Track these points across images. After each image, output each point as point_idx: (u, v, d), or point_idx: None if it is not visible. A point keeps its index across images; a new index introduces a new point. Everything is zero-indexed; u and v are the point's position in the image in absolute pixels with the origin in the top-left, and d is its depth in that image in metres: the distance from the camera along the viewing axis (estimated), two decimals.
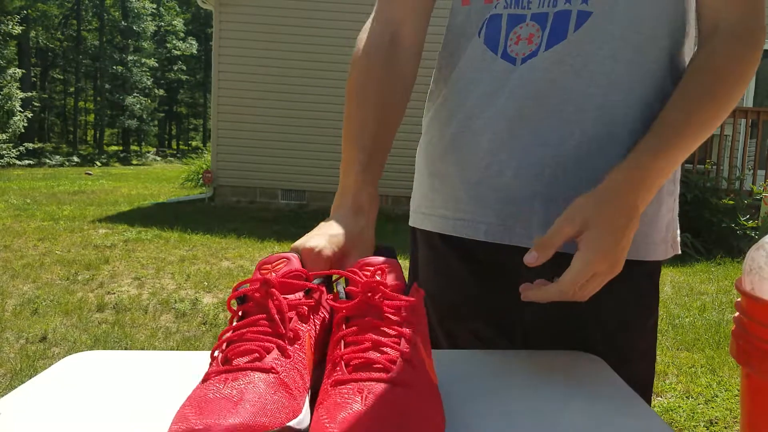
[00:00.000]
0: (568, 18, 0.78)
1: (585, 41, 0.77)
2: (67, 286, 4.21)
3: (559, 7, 0.78)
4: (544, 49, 0.78)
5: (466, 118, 0.84)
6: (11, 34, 18.42)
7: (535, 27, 0.79)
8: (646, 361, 0.87)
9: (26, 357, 2.95)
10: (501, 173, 0.82)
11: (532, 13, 0.80)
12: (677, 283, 4.70)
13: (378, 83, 0.85)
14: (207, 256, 5.25)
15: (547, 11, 0.79)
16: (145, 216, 7.49)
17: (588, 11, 0.77)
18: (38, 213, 7.37)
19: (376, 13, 0.91)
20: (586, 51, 0.77)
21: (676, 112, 0.73)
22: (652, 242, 0.83)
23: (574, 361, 0.75)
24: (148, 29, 30.42)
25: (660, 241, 0.84)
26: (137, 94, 29.40)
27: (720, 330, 3.54)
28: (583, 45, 0.77)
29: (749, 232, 5.78)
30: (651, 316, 0.86)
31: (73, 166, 19.91)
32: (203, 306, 3.86)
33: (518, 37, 0.80)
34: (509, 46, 0.81)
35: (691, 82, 0.75)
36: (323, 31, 8.24)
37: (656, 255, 0.84)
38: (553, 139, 0.79)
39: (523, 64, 0.80)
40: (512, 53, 0.81)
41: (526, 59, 0.79)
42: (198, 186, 11.01)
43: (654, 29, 0.78)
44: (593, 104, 0.78)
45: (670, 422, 2.44)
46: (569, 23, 0.77)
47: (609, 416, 0.59)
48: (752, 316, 1.22)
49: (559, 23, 0.78)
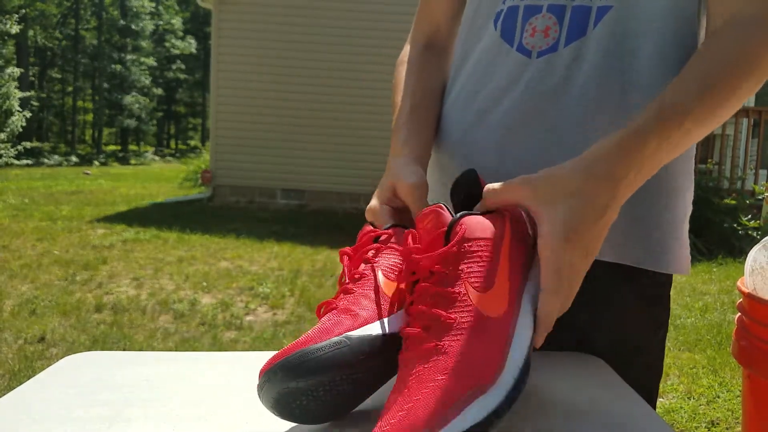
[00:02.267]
0: (588, 14, 0.76)
1: (605, 37, 0.75)
2: (65, 287, 4.20)
3: (578, 1, 0.76)
4: (564, 44, 0.76)
5: (480, 112, 0.83)
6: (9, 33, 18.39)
7: (552, 20, 0.77)
8: (652, 371, 0.84)
9: (24, 358, 2.94)
10: (511, 173, 0.81)
11: (549, 4, 0.78)
12: (679, 283, 4.70)
13: (416, 74, 0.91)
14: (206, 257, 5.24)
15: (564, 3, 0.77)
16: (143, 216, 7.49)
17: (608, 5, 0.75)
18: (36, 213, 7.36)
19: (415, 23, 0.98)
20: (606, 48, 0.75)
21: (677, 91, 0.66)
22: (669, 251, 0.80)
23: (575, 363, 0.74)
24: (147, 28, 30.40)
25: (676, 252, 0.81)
26: (136, 94, 29.38)
27: (722, 330, 3.54)
28: (603, 42, 0.75)
29: (751, 232, 5.78)
30: (660, 327, 0.84)
31: (71, 165, 19.91)
32: (202, 306, 3.85)
33: (534, 29, 0.78)
34: (524, 38, 0.79)
35: (693, 66, 0.68)
36: (323, 30, 8.24)
37: (670, 267, 0.80)
38: (568, 139, 0.76)
39: (540, 58, 0.78)
40: (527, 45, 0.79)
41: (543, 53, 0.78)
42: (197, 186, 11.00)
43: (675, 26, 0.76)
44: (611, 104, 0.76)
45: (672, 423, 2.44)
46: (589, 19, 0.76)
47: (610, 417, 0.58)
48: (754, 316, 1.22)
49: (578, 18, 0.76)
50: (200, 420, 0.56)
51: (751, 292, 1.23)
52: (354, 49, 8.22)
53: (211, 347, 3.19)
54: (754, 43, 0.68)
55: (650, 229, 0.79)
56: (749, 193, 6.24)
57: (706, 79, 0.66)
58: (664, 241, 0.79)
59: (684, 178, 0.82)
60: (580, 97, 0.76)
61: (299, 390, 0.51)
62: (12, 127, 17.47)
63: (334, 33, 8.24)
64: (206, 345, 3.22)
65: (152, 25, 31.32)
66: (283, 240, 6.10)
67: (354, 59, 8.23)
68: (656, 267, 0.79)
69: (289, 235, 6.30)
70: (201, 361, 0.71)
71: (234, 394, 0.62)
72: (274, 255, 5.42)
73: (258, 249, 5.65)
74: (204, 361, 0.71)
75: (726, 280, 4.83)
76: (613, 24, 0.75)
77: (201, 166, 10.78)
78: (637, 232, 0.78)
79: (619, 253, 0.78)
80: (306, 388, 0.52)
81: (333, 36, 8.24)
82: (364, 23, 8.20)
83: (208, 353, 0.75)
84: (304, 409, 0.53)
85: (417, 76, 0.91)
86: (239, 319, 3.65)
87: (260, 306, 3.93)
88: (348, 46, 8.25)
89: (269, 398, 0.52)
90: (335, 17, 8.22)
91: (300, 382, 0.51)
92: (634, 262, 0.78)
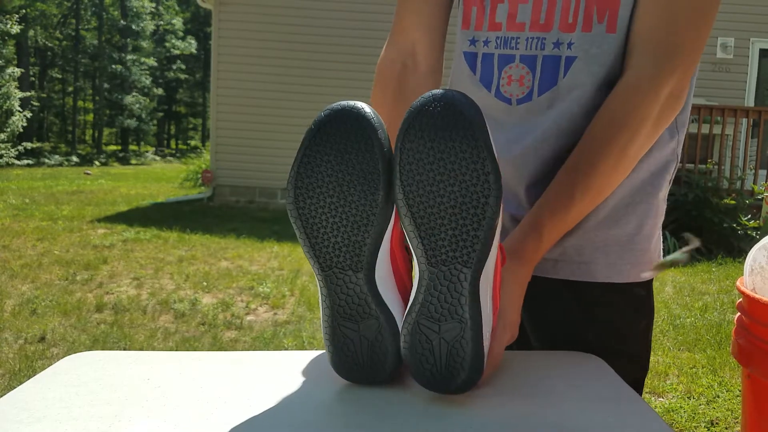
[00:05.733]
0: (558, 63, 0.80)
1: (575, 85, 0.80)
2: (65, 287, 4.20)
3: (547, 51, 0.81)
4: (537, 94, 0.82)
5: None
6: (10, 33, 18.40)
7: (525, 69, 0.82)
8: (637, 364, 0.87)
9: (25, 357, 2.94)
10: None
11: (521, 55, 0.82)
12: (678, 283, 4.70)
13: (387, 115, 0.89)
14: (206, 256, 5.24)
15: (535, 54, 0.82)
16: (143, 216, 7.49)
17: (573, 56, 0.80)
18: (37, 213, 7.36)
19: (390, 37, 0.94)
20: (576, 93, 0.80)
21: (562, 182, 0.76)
22: (631, 263, 0.85)
23: (573, 361, 0.74)
24: (147, 28, 30.39)
25: (637, 264, 0.86)
26: (136, 94, 29.37)
27: (721, 330, 3.54)
28: (574, 88, 0.80)
29: (750, 232, 5.78)
30: (643, 320, 0.87)
31: (71, 165, 19.90)
32: (202, 306, 3.85)
33: (510, 78, 0.84)
34: (502, 86, 0.84)
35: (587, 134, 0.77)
36: (323, 30, 8.24)
37: (632, 277, 0.85)
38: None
39: (519, 106, 0.83)
40: (506, 93, 0.84)
41: (521, 101, 0.83)
42: (197, 186, 11.00)
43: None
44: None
45: (671, 423, 2.44)
46: (559, 68, 0.80)
47: (610, 417, 0.58)
48: (753, 316, 1.22)
49: (548, 69, 0.81)
50: (200, 420, 0.56)
51: (751, 292, 1.23)
52: (354, 49, 8.22)
53: (211, 347, 3.19)
54: (645, 97, 0.74)
55: (610, 245, 0.84)
56: (749, 193, 6.24)
57: (588, 153, 0.75)
58: (622, 255, 0.84)
59: (648, 192, 0.85)
60: (566, 137, 0.81)
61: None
62: (12, 127, 17.48)
63: (334, 33, 8.24)
64: (206, 345, 3.22)
65: (153, 26, 31.31)
66: (284, 240, 6.10)
67: (354, 59, 8.22)
68: (625, 279, 0.84)
69: (290, 235, 6.30)
70: (201, 361, 0.71)
71: (234, 393, 0.62)
72: (274, 255, 5.43)
73: (258, 249, 5.65)
74: (204, 360, 0.72)
75: (725, 280, 4.83)
76: (580, 72, 0.80)
77: (201, 166, 10.77)
78: (602, 248, 0.84)
79: (586, 272, 0.84)
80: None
81: (333, 36, 8.24)
82: (364, 23, 8.20)
83: (209, 353, 0.75)
84: None
85: (388, 114, 0.89)
86: (239, 318, 3.65)
87: (260, 306, 3.93)
88: (348, 46, 8.25)
89: None
90: (335, 17, 8.22)
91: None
92: (602, 278, 0.84)
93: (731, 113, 6.30)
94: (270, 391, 0.63)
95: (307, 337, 3.32)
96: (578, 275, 0.83)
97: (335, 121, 0.58)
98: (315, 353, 0.74)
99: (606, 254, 0.83)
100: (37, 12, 28.23)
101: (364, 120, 0.57)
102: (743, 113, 6.37)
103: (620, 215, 0.83)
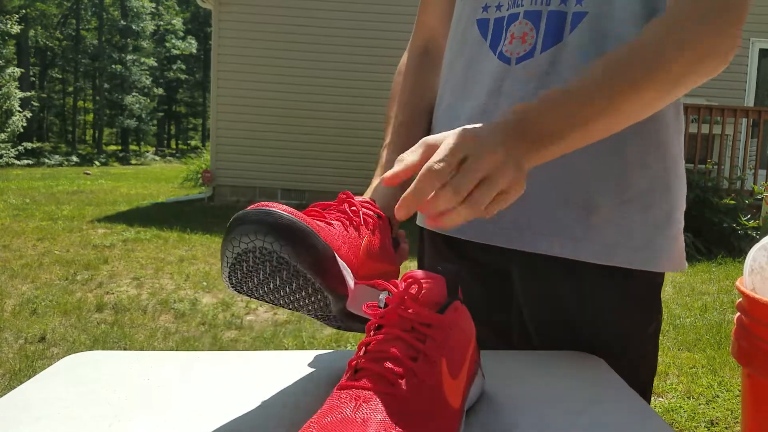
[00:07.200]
0: (564, 19, 0.77)
1: (581, 42, 0.76)
2: (66, 286, 4.20)
3: (553, 7, 0.78)
4: (540, 50, 0.77)
5: (467, 122, 0.84)
6: (10, 33, 18.41)
7: (528, 26, 0.79)
8: (645, 367, 0.85)
9: (25, 357, 2.95)
10: None
11: (525, 11, 0.79)
12: (678, 283, 4.70)
13: (409, 87, 0.94)
14: (206, 256, 5.25)
15: (540, 9, 0.78)
16: (144, 216, 7.49)
17: (583, 11, 0.76)
18: (37, 213, 7.36)
19: (414, 30, 1.01)
20: (583, 53, 0.76)
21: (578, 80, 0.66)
22: (659, 251, 0.80)
23: (574, 362, 0.74)
24: (147, 28, 30.40)
25: (666, 252, 0.81)
26: (136, 94, 29.39)
27: (721, 330, 3.54)
28: (580, 47, 0.76)
29: (750, 232, 5.78)
30: (651, 323, 0.84)
31: (71, 165, 19.90)
32: (202, 306, 3.85)
33: (512, 35, 0.80)
34: (504, 45, 0.81)
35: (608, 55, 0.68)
36: (323, 30, 8.24)
37: (659, 266, 0.81)
38: None
39: (518, 65, 0.79)
40: (507, 53, 0.80)
41: (521, 59, 0.79)
42: (197, 186, 11.00)
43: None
44: None
45: (671, 423, 2.44)
46: (565, 25, 0.77)
47: (610, 417, 0.58)
48: (753, 316, 1.22)
49: (553, 24, 0.77)
50: (200, 420, 0.56)
51: (751, 291, 1.23)
52: (354, 49, 8.22)
53: (211, 347, 3.19)
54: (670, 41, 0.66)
55: (639, 228, 0.78)
56: (748, 193, 6.24)
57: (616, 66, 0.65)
58: (653, 240, 0.79)
59: (674, 178, 0.82)
60: None
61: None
62: (13, 127, 17.48)
63: (334, 33, 8.23)
64: (207, 344, 3.22)
65: (153, 26, 31.32)
66: None
67: (354, 59, 8.22)
68: (647, 267, 0.79)
69: None
70: (201, 361, 0.71)
71: (234, 393, 0.62)
72: None
73: None
74: (204, 360, 0.72)
75: (725, 280, 4.83)
76: (588, 29, 0.76)
77: (201, 166, 10.77)
78: (627, 232, 0.78)
79: (609, 255, 0.78)
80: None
81: (333, 36, 8.24)
82: (365, 23, 8.19)
83: (209, 353, 0.75)
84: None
85: (410, 88, 0.93)
86: (239, 318, 3.65)
87: (260, 306, 3.93)
88: (348, 47, 8.24)
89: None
90: (335, 17, 8.22)
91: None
92: (624, 263, 0.78)
93: (731, 113, 6.30)
94: (270, 391, 0.63)
95: (307, 337, 3.32)
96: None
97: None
98: (315, 353, 0.74)
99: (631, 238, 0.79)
100: (37, 12, 28.24)
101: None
102: (743, 113, 6.37)
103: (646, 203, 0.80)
